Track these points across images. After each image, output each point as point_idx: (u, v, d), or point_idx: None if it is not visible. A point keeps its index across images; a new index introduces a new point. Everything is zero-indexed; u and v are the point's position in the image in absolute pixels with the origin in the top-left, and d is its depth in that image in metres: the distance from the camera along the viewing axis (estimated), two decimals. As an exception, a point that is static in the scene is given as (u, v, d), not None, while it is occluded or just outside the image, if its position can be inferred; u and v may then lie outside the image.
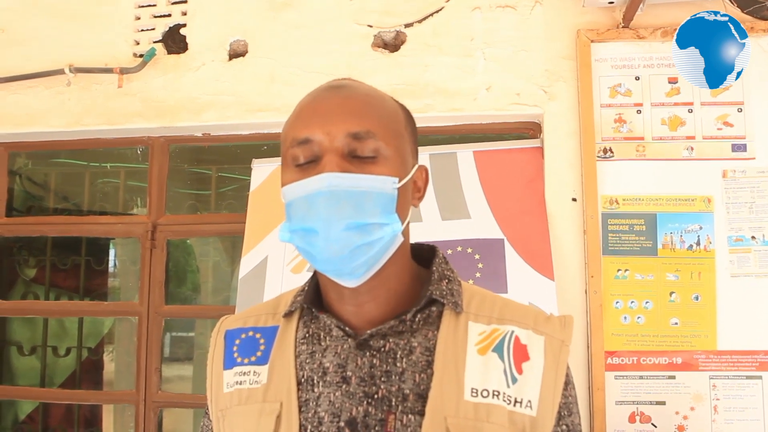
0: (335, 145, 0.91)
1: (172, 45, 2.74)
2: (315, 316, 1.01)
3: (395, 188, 0.93)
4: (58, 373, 3.72)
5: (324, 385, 0.94)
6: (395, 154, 0.95)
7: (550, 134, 2.41)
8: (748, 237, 2.26)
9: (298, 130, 0.95)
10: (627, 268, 2.28)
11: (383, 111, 0.97)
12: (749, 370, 2.20)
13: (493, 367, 0.93)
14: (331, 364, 0.95)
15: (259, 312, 1.10)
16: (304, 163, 0.93)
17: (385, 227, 0.91)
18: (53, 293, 3.72)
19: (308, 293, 1.03)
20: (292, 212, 0.95)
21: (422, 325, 0.96)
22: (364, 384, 0.92)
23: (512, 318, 0.98)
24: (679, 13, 2.27)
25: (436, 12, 2.55)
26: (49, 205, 3.65)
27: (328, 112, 0.94)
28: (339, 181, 0.89)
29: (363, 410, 0.90)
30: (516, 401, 0.91)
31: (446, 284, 0.99)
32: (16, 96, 2.80)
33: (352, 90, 0.98)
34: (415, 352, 0.94)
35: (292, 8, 2.65)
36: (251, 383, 1.00)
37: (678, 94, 2.35)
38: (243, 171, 2.88)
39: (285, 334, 1.02)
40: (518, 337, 0.96)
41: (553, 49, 2.46)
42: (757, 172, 2.28)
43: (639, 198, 2.31)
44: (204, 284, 5.31)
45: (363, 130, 0.92)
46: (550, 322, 0.98)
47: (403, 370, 0.92)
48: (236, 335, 1.08)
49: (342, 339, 0.96)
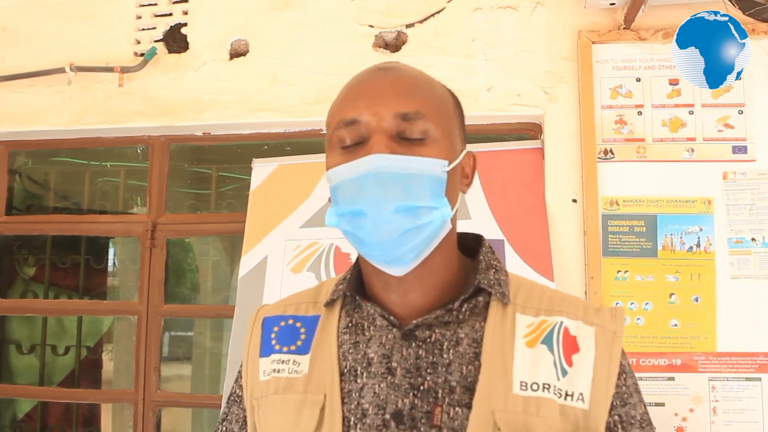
0: (383, 126, 0.89)
1: (173, 44, 2.74)
2: (358, 304, 0.99)
3: (445, 171, 0.91)
4: (56, 371, 3.72)
5: (368, 375, 0.91)
6: (444, 136, 0.93)
7: (550, 135, 2.41)
8: (749, 239, 2.26)
9: (345, 111, 0.92)
10: (627, 270, 2.28)
11: (432, 92, 0.95)
12: (749, 371, 2.20)
13: (543, 360, 0.90)
14: (375, 354, 0.93)
15: (299, 300, 1.07)
16: (350, 145, 0.91)
17: (435, 211, 0.89)
18: (52, 292, 3.72)
19: (351, 281, 1.01)
20: (338, 196, 0.92)
21: (469, 316, 0.94)
22: (409, 375, 0.90)
23: (561, 309, 0.95)
24: (681, 15, 2.26)
25: (437, 12, 2.55)
26: (48, 204, 3.65)
27: (376, 92, 0.92)
28: (388, 162, 0.87)
29: (409, 402, 0.88)
30: (567, 394, 0.88)
31: (493, 274, 0.97)
32: (16, 94, 2.79)
33: (400, 71, 0.96)
34: (462, 344, 0.91)
35: (293, 8, 2.65)
36: (290, 372, 0.98)
37: (679, 96, 2.35)
38: (243, 170, 2.88)
39: (327, 324, 1.00)
40: (567, 328, 0.93)
41: (554, 50, 2.46)
42: (757, 174, 2.28)
43: (639, 199, 2.31)
44: (203, 284, 5.32)
45: (412, 110, 0.90)
46: (601, 313, 0.95)
47: (449, 362, 0.90)
48: (275, 323, 1.05)
49: (387, 329, 0.94)
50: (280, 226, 2.48)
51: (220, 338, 4.97)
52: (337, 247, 2.39)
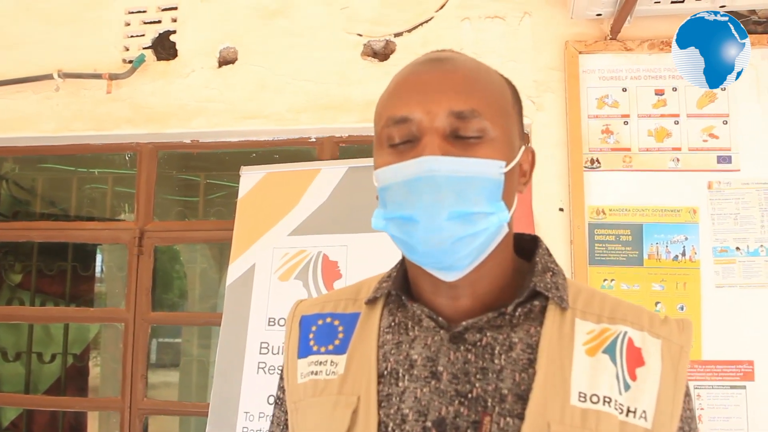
0: (436, 125, 0.82)
1: (162, 51, 2.74)
2: (402, 304, 0.92)
3: (502, 173, 0.84)
4: (42, 379, 3.70)
5: (410, 379, 0.85)
6: (502, 135, 0.85)
7: (537, 144, 2.42)
8: (733, 248, 2.27)
9: (395, 107, 0.85)
10: (613, 278, 2.29)
11: (490, 87, 0.88)
12: (733, 380, 2.21)
13: (604, 371, 0.83)
14: (419, 356, 0.86)
15: (339, 297, 1.01)
16: (399, 144, 0.84)
17: (491, 217, 0.83)
18: (39, 299, 3.70)
19: (397, 279, 0.94)
20: (387, 198, 0.85)
21: (523, 320, 0.86)
22: (456, 381, 0.83)
23: (624, 318, 0.88)
24: (667, 26, 2.29)
25: (425, 22, 2.56)
26: (35, 210, 3.63)
27: (429, 87, 0.84)
28: (440, 165, 0.80)
29: (454, 410, 0.81)
30: (629, 411, 0.81)
31: (551, 277, 0.90)
32: (4, 100, 2.79)
33: (455, 63, 0.87)
34: (515, 349, 0.84)
35: (282, 16, 2.66)
36: (328, 374, 0.92)
37: (664, 106, 2.37)
38: (231, 178, 2.88)
39: (367, 322, 0.93)
40: (632, 339, 0.86)
41: (542, 60, 2.47)
42: (741, 184, 2.31)
43: (625, 208, 2.33)
44: (191, 291, 5.30)
45: (467, 108, 0.82)
46: (667, 324, 0.88)
47: (501, 368, 0.83)
48: (313, 321, 0.99)
49: (433, 330, 0.87)
50: (268, 233, 2.48)
51: (208, 346, 4.95)
52: (324, 255, 2.39)
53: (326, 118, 2.56)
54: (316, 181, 2.49)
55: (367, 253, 2.33)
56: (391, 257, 0.98)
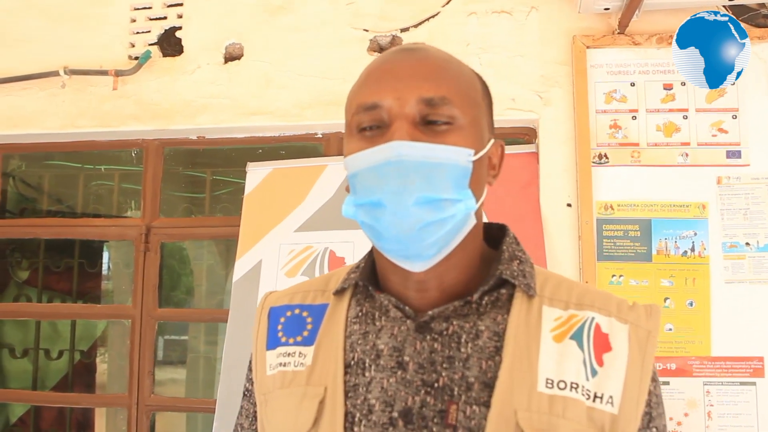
0: (406, 111, 0.82)
1: (168, 47, 2.74)
2: (370, 294, 0.92)
3: (470, 161, 0.85)
4: (50, 376, 3.70)
5: (377, 369, 0.85)
6: (471, 123, 0.86)
7: (545, 140, 2.41)
8: (743, 243, 2.26)
9: (366, 95, 0.86)
10: (622, 274, 2.28)
11: (460, 76, 0.89)
12: (743, 376, 2.20)
13: (571, 356, 0.83)
14: (386, 346, 0.86)
15: (308, 288, 1.01)
16: (369, 130, 0.85)
17: (458, 204, 0.83)
18: (46, 296, 3.70)
19: (364, 270, 0.94)
20: (357, 184, 0.85)
21: (490, 308, 0.87)
22: (422, 371, 0.83)
23: (592, 304, 0.88)
24: (675, 20, 2.27)
25: (431, 17, 2.55)
26: (42, 207, 3.64)
27: (399, 75, 0.85)
28: (409, 150, 0.80)
29: (420, 400, 0.82)
30: (596, 396, 0.81)
31: (517, 265, 0.90)
32: (10, 97, 2.79)
33: (426, 53, 0.89)
34: (482, 337, 0.84)
35: (287, 12, 2.65)
36: (296, 365, 0.92)
37: (673, 101, 2.36)
38: (238, 174, 2.87)
39: (335, 313, 0.93)
40: (599, 324, 0.86)
41: (549, 54, 2.46)
42: (751, 179, 2.29)
43: (634, 204, 2.31)
44: (198, 287, 5.30)
45: (437, 95, 0.83)
46: (635, 310, 0.88)
47: (468, 356, 0.83)
48: (281, 313, 0.99)
49: (400, 320, 0.87)
50: (274, 230, 2.47)
51: (215, 342, 4.95)
52: (331, 251, 2.39)
53: (332, 114, 2.55)
54: (322, 176, 2.48)
55: (374, 250, 2.32)
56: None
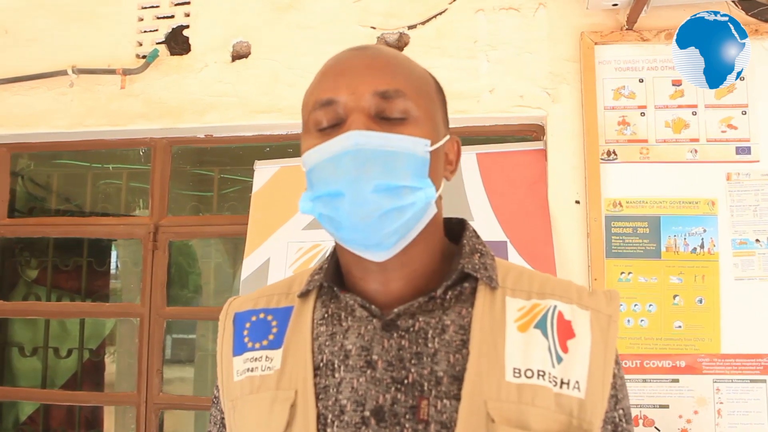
0: (361, 105, 0.83)
1: (175, 46, 2.74)
2: (335, 295, 0.93)
3: (427, 151, 0.85)
4: (59, 374, 3.71)
5: (346, 369, 0.86)
6: (426, 116, 0.87)
7: (553, 136, 2.40)
8: (752, 240, 2.25)
9: (321, 91, 0.87)
10: (630, 271, 2.27)
11: (412, 71, 0.90)
12: (753, 373, 2.19)
13: (536, 345, 0.84)
14: (354, 346, 0.87)
15: (272, 292, 1.01)
16: (327, 128, 0.86)
17: (418, 192, 0.84)
18: (55, 294, 3.72)
19: (328, 271, 0.94)
20: (314, 179, 0.86)
21: (454, 303, 0.88)
22: (391, 369, 0.84)
23: (553, 292, 0.90)
24: (683, 16, 2.26)
25: (439, 14, 2.54)
26: (51, 206, 3.65)
27: (354, 71, 0.86)
28: (366, 139, 0.81)
29: (391, 398, 0.82)
30: (563, 382, 0.82)
31: (478, 258, 0.91)
32: (18, 97, 2.80)
33: (379, 50, 0.91)
34: (448, 331, 0.85)
35: (295, 9, 2.65)
36: (263, 369, 0.92)
37: (682, 97, 2.34)
38: (245, 173, 2.87)
39: (300, 315, 0.94)
40: (561, 312, 0.87)
41: (557, 51, 2.45)
42: (761, 175, 2.28)
43: (643, 201, 2.30)
44: (206, 286, 5.31)
45: (392, 88, 0.85)
46: (595, 296, 0.90)
47: (435, 351, 0.84)
48: (246, 318, 0.99)
49: (366, 319, 0.88)
50: (282, 228, 2.48)
51: (223, 341, 4.95)
52: (339, 249, 2.39)
53: (340, 112, 2.54)
54: (330, 175, 2.47)
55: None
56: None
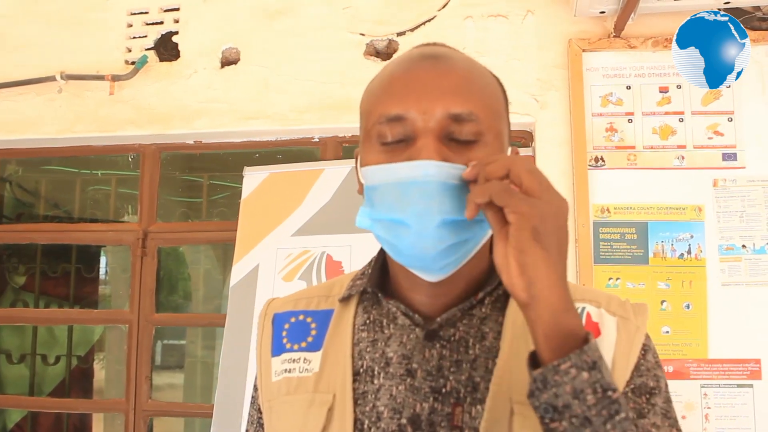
0: (431, 126, 0.80)
1: (164, 52, 2.74)
2: (377, 301, 0.92)
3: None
4: (47, 381, 3.70)
5: (386, 377, 0.85)
6: (495, 138, 0.84)
7: (541, 143, 2.41)
8: (739, 246, 2.26)
9: (389, 104, 0.83)
10: (618, 277, 2.28)
11: (485, 89, 0.87)
12: (740, 378, 2.20)
13: None
14: (395, 354, 0.86)
15: (311, 294, 1.01)
16: (392, 142, 0.83)
17: (483, 223, 0.81)
18: (43, 301, 3.70)
19: (372, 277, 0.94)
20: (375, 198, 0.83)
21: (492, 310, 0.88)
22: (430, 378, 0.84)
23: (583, 297, 0.90)
24: (670, 23, 2.28)
25: (428, 21, 2.55)
26: (39, 212, 3.63)
27: (425, 86, 0.82)
28: (436, 170, 0.78)
29: (428, 406, 0.82)
30: None
31: None
32: (7, 102, 2.78)
33: (452, 62, 0.86)
34: (488, 338, 0.86)
35: (284, 16, 2.65)
36: (301, 371, 0.92)
37: (669, 104, 2.36)
38: (235, 179, 2.88)
39: (341, 319, 0.94)
40: (590, 314, 0.88)
41: (545, 58, 2.46)
42: (747, 181, 2.29)
43: (630, 207, 2.31)
44: (195, 292, 5.30)
45: (465, 111, 0.81)
46: (624, 305, 0.90)
47: (475, 357, 0.84)
48: (285, 319, 0.99)
49: (409, 328, 0.88)
50: (271, 234, 2.47)
51: (212, 347, 4.95)
52: (328, 255, 2.39)
53: (329, 118, 2.55)
54: (319, 181, 2.48)
55: (371, 253, 2.30)
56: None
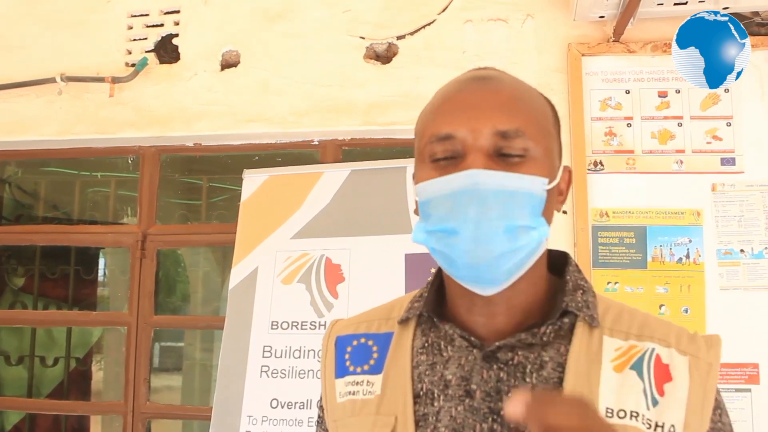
0: (480, 144, 0.82)
1: (165, 55, 2.74)
2: (435, 324, 0.93)
3: (545, 189, 0.85)
4: (45, 383, 3.69)
5: (445, 399, 0.86)
6: (544, 154, 0.86)
7: (540, 147, 2.41)
8: (737, 250, 2.27)
9: (439, 124, 0.86)
10: (617, 281, 2.29)
11: (533, 107, 0.89)
12: (738, 383, 2.20)
13: (631, 387, 0.83)
14: (453, 376, 0.87)
15: (371, 318, 1.02)
16: (443, 160, 0.85)
17: (533, 232, 0.83)
18: (41, 303, 3.70)
19: (428, 299, 0.95)
20: (430, 211, 0.86)
21: (554, 339, 0.87)
22: (489, 399, 0.84)
23: (652, 335, 0.88)
24: (670, 28, 2.29)
25: (428, 24, 2.56)
26: (38, 214, 3.63)
27: (473, 106, 0.85)
28: (487, 179, 0.80)
29: (488, 427, 0.83)
30: (657, 425, 0.81)
31: (581, 295, 0.90)
32: (7, 104, 2.79)
33: (500, 82, 0.89)
34: (546, 367, 0.85)
35: (284, 19, 2.66)
36: (365, 393, 0.93)
37: (668, 108, 2.37)
38: (234, 181, 2.88)
39: (400, 342, 0.95)
40: (659, 355, 0.86)
41: (545, 62, 2.47)
42: (745, 186, 2.30)
43: (629, 211, 2.32)
44: (194, 294, 5.30)
45: (512, 128, 0.83)
46: (695, 341, 0.88)
47: (533, 386, 0.84)
48: (348, 342, 1.00)
49: (467, 350, 0.88)
50: (270, 237, 2.47)
51: (211, 349, 4.95)
52: (327, 258, 2.39)
53: (329, 121, 2.55)
54: (318, 184, 2.48)
55: (370, 256, 2.32)
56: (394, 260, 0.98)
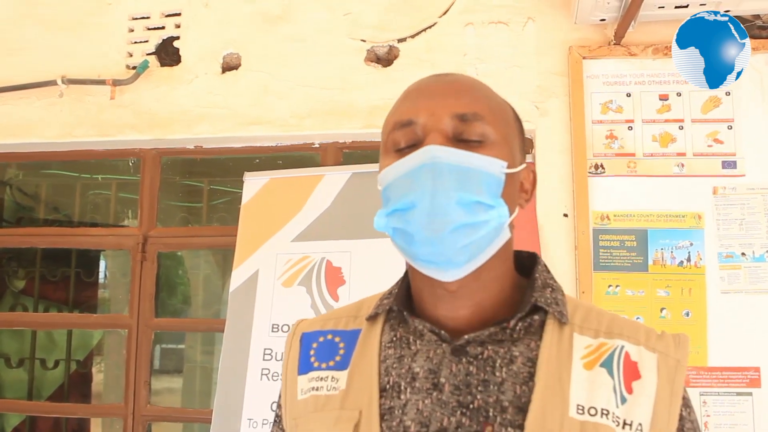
0: (440, 126, 0.85)
1: (166, 57, 2.74)
2: (404, 319, 0.93)
3: (503, 172, 0.86)
4: (46, 385, 3.69)
5: (412, 391, 0.86)
6: (503, 140, 0.88)
7: (541, 150, 2.41)
8: (738, 254, 2.26)
9: (401, 113, 0.89)
10: (618, 284, 2.28)
11: (491, 97, 0.92)
12: (740, 386, 2.20)
13: (601, 384, 0.84)
14: (421, 369, 0.87)
15: (340, 315, 1.02)
16: (404, 148, 0.87)
17: (491, 210, 0.84)
18: (42, 305, 3.70)
19: (398, 295, 0.95)
20: (389, 194, 0.87)
21: (524, 335, 0.88)
22: (458, 393, 0.84)
23: (621, 332, 0.89)
24: (671, 31, 2.28)
25: (429, 27, 2.56)
26: (39, 216, 3.64)
27: (433, 93, 0.88)
28: (444, 154, 0.82)
29: (456, 421, 0.82)
30: (625, 423, 0.82)
31: (550, 293, 0.91)
32: (7, 106, 2.79)
33: (459, 76, 0.93)
34: (516, 362, 0.85)
35: (285, 22, 2.66)
36: (329, 389, 0.92)
37: (669, 111, 2.37)
38: (235, 184, 2.88)
39: (368, 338, 0.94)
40: (628, 353, 0.87)
41: (545, 65, 2.47)
42: (747, 189, 2.30)
43: (630, 214, 2.32)
44: (194, 297, 5.30)
45: (470, 111, 0.86)
46: (663, 339, 0.90)
47: (502, 380, 0.84)
48: (314, 338, 1.00)
49: (435, 343, 0.88)
50: (271, 239, 2.48)
51: (211, 352, 4.94)
52: (328, 261, 2.39)
53: (330, 124, 2.55)
54: (319, 186, 2.48)
55: (371, 259, 2.32)
56: (395, 263, 0.98)
